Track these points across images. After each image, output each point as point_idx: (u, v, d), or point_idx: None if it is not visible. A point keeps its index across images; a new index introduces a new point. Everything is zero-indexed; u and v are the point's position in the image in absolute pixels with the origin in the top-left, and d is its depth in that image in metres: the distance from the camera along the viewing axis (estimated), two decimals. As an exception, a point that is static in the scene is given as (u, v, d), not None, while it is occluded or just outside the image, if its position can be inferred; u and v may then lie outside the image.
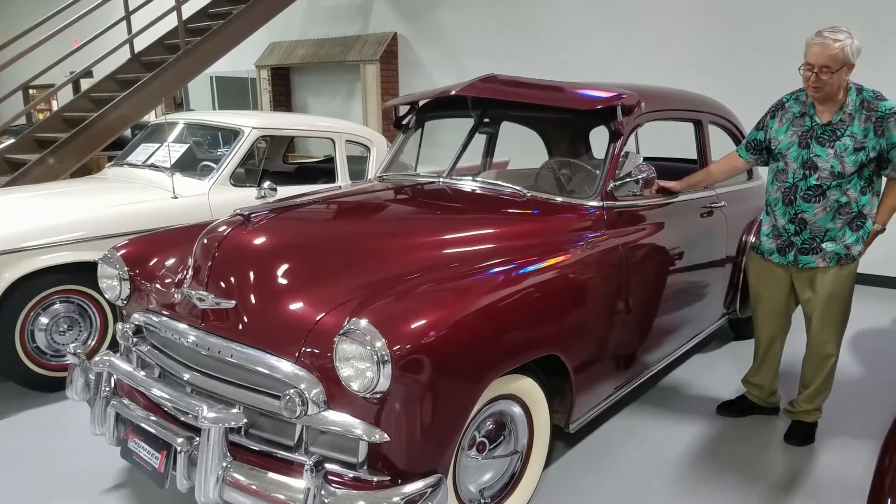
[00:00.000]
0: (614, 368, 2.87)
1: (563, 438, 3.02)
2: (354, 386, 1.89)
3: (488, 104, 3.30)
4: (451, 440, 2.07)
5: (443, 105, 3.59)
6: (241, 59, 10.85)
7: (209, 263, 2.30)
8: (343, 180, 5.16)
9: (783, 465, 2.94)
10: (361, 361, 1.88)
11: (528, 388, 2.41)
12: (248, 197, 4.49)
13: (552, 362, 2.48)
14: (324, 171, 5.52)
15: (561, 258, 2.59)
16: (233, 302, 2.21)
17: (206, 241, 2.38)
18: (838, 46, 2.59)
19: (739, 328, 4.36)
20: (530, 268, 2.47)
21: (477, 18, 8.11)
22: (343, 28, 9.57)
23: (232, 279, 2.25)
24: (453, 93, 3.20)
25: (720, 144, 3.82)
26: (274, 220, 2.45)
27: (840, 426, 3.23)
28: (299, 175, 5.93)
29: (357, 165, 5.43)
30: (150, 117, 7.75)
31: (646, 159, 3.09)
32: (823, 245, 2.81)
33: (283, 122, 5.13)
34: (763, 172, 3.28)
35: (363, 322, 1.90)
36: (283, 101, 10.47)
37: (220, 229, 2.37)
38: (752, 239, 3.92)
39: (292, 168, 6.20)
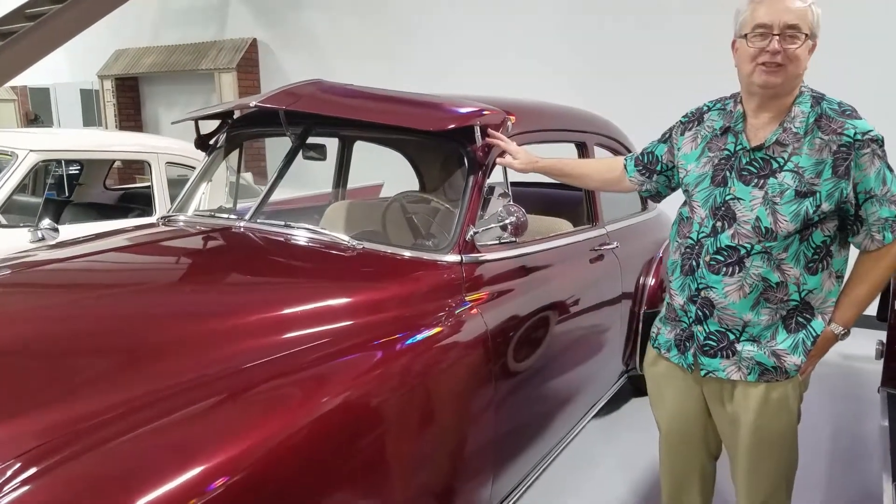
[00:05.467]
0: (488, 487, 2.07)
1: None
2: None
3: (319, 117, 2.45)
4: None
5: (264, 118, 2.71)
6: (84, 68, 9.52)
7: None
8: (163, 211, 4.16)
9: None
10: None
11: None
12: (18, 240, 3.42)
13: None
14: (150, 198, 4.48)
15: (401, 357, 1.75)
16: None
17: None
18: (804, 4, 1.60)
19: (638, 382, 3.71)
20: (353, 372, 1.63)
21: (345, 20, 7.24)
22: (198, 33, 8.47)
23: None
24: (253, 104, 2.33)
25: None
26: None
27: None
28: (121, 206, 4.84)
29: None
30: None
31: (513, 185, 2.34)
32: (739, 346, 1.76)
33: (78, 143, 4.06)
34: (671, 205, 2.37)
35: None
36: (131, 114, 9.19)
37: None
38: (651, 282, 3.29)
39: (114, 197, 5.09)
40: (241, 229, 2.29)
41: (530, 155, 2.22)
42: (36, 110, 11.56)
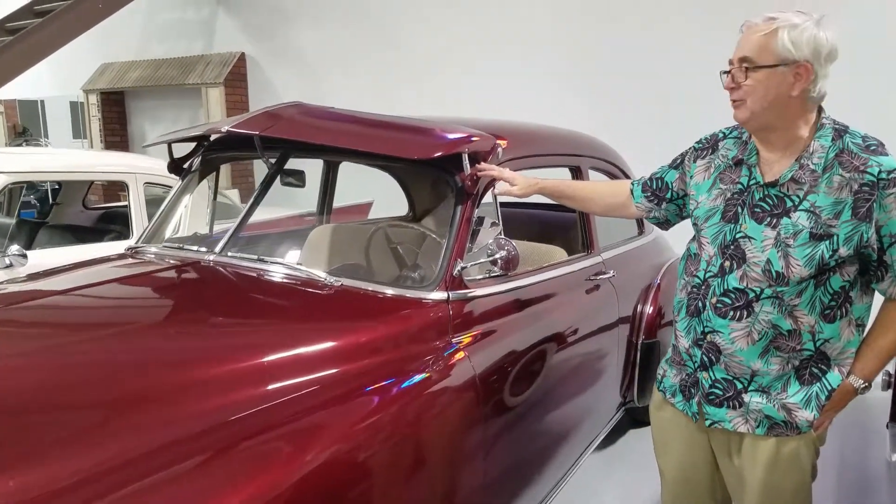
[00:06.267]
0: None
1: None
2: None
3: (299, 141, 2.30)
4: None
5: (244, 140, 2.56)
6: (73, 82, 9.36)
7: None
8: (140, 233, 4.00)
9: None
10: None
11: None
12: (-16, 267, 3.26)
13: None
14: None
15: (385, 409, 1.61)
16: None
17: None
18: (768, 29, 1.46)
19: (637, 414, 3.56)
20: (335, 426, 1.49)
21: (334, 32, 7.12)
22: (185, 47, 8.33)
23: None
24: (225, 129, 2.18)
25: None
26: None
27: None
28: (98, 228, 4.67)
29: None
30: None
31: (503, 206, 2.21)
32: (746, 397, 1.61)
33: (52, 164, 3.90)
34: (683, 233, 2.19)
35: None
36: (116, 129, 9.03)
37: None
38: (648, 309, 3.15)
39: (92, 218, 4.91)
40: (211, 264, 2.14)
41: (528, 178, 2.07)
42: (25, 123, 11.41)
